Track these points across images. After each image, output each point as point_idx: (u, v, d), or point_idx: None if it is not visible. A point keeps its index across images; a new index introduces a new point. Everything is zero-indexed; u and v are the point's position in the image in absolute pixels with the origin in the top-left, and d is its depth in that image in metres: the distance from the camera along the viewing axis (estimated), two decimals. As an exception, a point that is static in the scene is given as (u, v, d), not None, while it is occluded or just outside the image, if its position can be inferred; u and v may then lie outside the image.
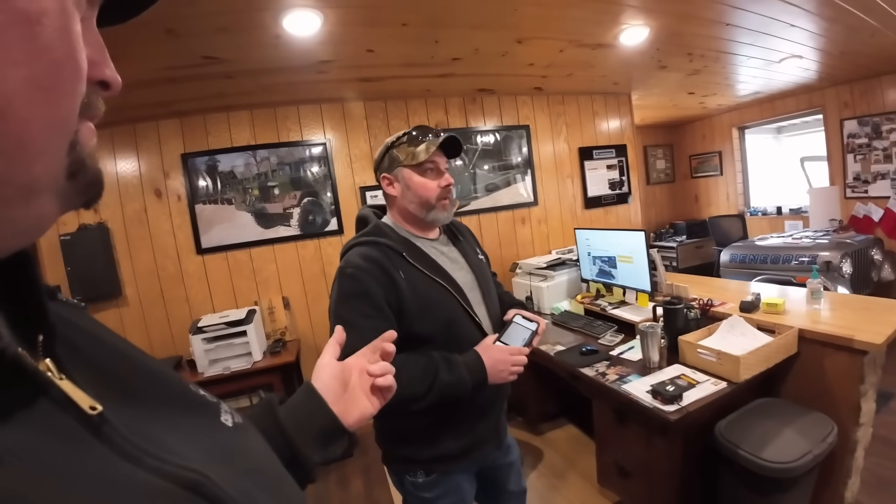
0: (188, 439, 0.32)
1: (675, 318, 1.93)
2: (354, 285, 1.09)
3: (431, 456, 1.20)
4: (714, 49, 2.93)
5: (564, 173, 3.64)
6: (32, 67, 0.23)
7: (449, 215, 1.24)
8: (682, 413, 1.48)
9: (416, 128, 1.22)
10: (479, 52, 2.47)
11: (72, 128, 0.27)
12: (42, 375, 0.26)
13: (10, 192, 0.24)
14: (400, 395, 1.06)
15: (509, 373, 1.13)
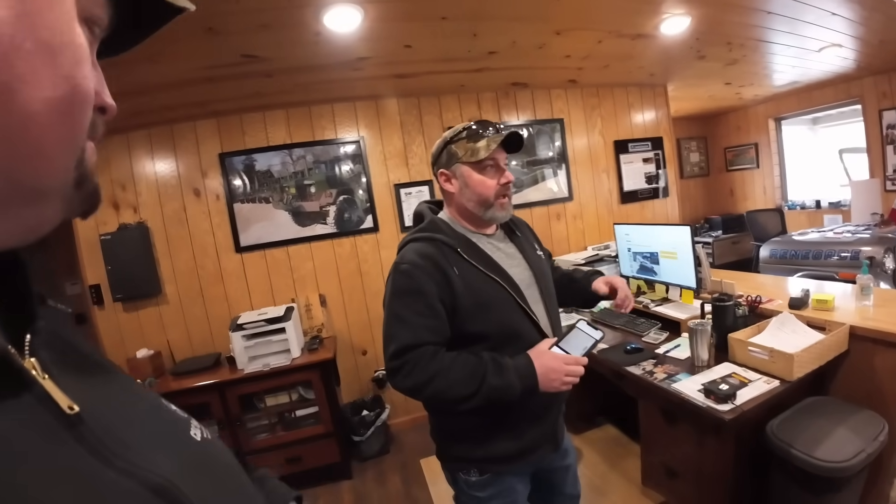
0: (158, 448, 0.33)
1: (724, 316, 1.87)
2: (408, 282, 1.09)
3: (485, 456, 1.18)
4: (754, 38, 2.83)
5: (600, 167, 3.56)
6: (54, 91, 0.27)
7: (507, 213, 1.21)
8: (737, 413, 1.43)
9: (477, 122, 1.18)
10: (516, 45, 2.43)
11: (81, 145, 0.30)
12: (27, 373, 0.28)
13: (25, 193, 0.28)
14: (446, 395, 1.06)
15: (562, 382, 1.08)
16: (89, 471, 0.28)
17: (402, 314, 1.09)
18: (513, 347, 1.11)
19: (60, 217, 0.31)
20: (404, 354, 1.07)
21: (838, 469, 1.39)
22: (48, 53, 0.26)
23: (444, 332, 1.10)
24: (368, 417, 2.85)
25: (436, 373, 1.06)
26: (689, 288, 2.24)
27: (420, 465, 2.73)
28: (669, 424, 1.78)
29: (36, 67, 0.26)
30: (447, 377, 1.06)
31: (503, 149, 1.17)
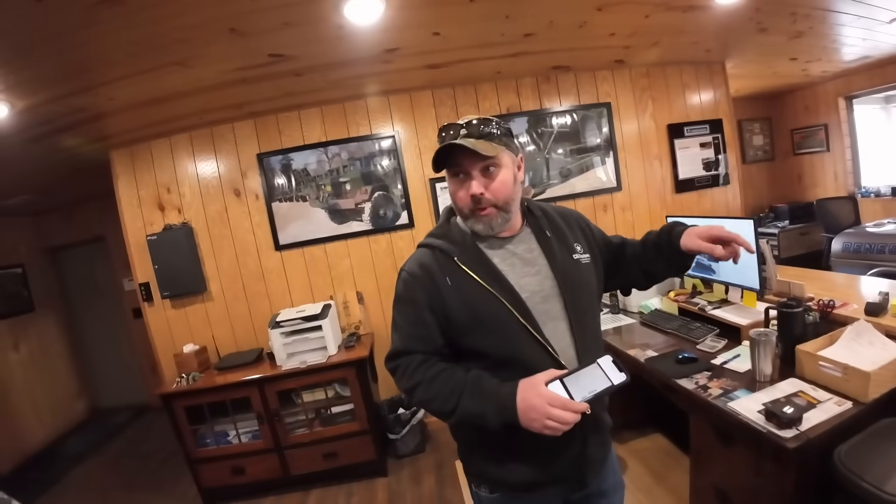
0: None
1: (792, 324, 1.64)
2: (404, 290, 1.05)
3: (496, 477, 1.06)
4: (820, 7, 2.52)
5: (651, 154, 3.30)
6: None
7: (488, 227, 1.02)
8: (802, 440, 1.24)
9: (447, 124, 1.01)
10: (554, 25, 2.25)
11: None
12: None
13: None
14: (430, 406, 0.98)
15: (542, 425, 0.88)
16: None
17: (397, 321, 1.06)
18: (514, 371, 0.96)
19: None
20: (396, 359, 1.05)
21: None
22: None
23: (434, 341, 1.02)
24: (404, 416, 2.82)
25: (419, 382, 1.00)
26: (752, 289, 2.01)
27: (455, 465, 2.67)
28: (724, 445, 1.59)
29: None
30: (429, 389, 0.98)
31: (469, 153, 0.96)
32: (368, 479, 2.71)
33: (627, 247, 1.21)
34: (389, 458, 2.84)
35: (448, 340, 1.03)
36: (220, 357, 2.93)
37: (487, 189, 0.98)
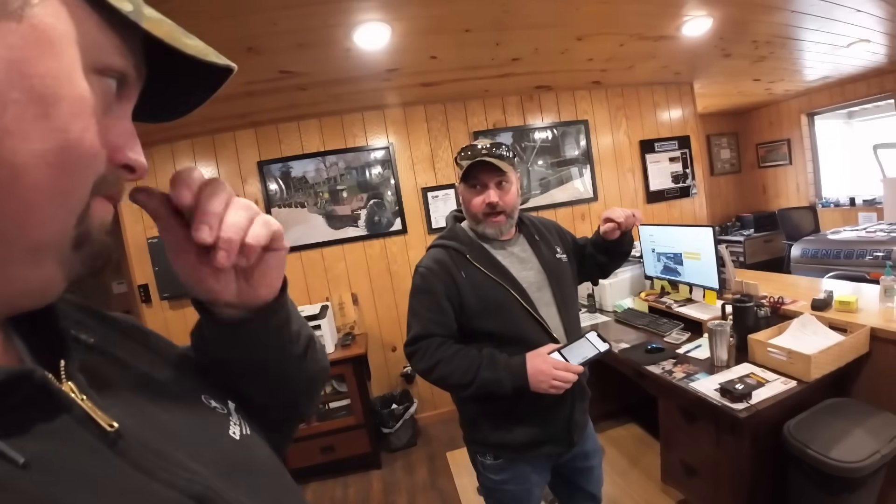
0: (197, 454, 0.34)
1: (745, 317, 1.89)
2: (422, 283, 1.26)
3: (499, 442, 1.28)
4: (780, 35, 2.81)
5: (625, 167, 3.58)
6: (44, 144, 0.26)
7: (497, 230, 1.28)
8: (752, 411, 1.47)
9: (468, 145, 1.29)
10: (539, 51, 2.49)
11: (80, 202, 0.29)
12: (65, 396, 0.29)
13: (17, 252, 0.27)
14: (448, 380, 1.21)
15: (549, 385, 1.15)
16: (133, 484, 0.28)
17: (417, 309, 1.26)
18: (517, 348, 1.20)
19: (63, 280, 0.30)
20: (417, 342, 1.24)
21: (851, 469, 1.42)
22: (39, 104, 0.25)
23: (451, 326, 1.24)
24: (397, 411, 2.99)
25: (439, 360, 1.20)
26: (712, 289, 2.26)
27: (446, 457, 2.84)
28: (688, 423, 1.82)
29: (23, 118, 0.25)
30: (449, 365, 1.20)
31: (490, 169, 1.23)
32: (363, 471, 2.85)
33: (586, 247, 1.50)
34: (383, 452, 2.99)
35: (460, 325, 1.25)
36: (218, 356, 3.04)
37: (501, 199, 1.23)
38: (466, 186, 1.28)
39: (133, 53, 0.31)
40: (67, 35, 0.27)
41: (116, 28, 0.29)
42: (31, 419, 0.26)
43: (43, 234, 0.28)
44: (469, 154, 1.26)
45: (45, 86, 0.26)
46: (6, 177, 0.25)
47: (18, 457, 0.24)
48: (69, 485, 0.26)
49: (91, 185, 0.29)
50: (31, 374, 0.27)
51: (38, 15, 0.25)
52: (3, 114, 0.24)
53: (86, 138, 0.28)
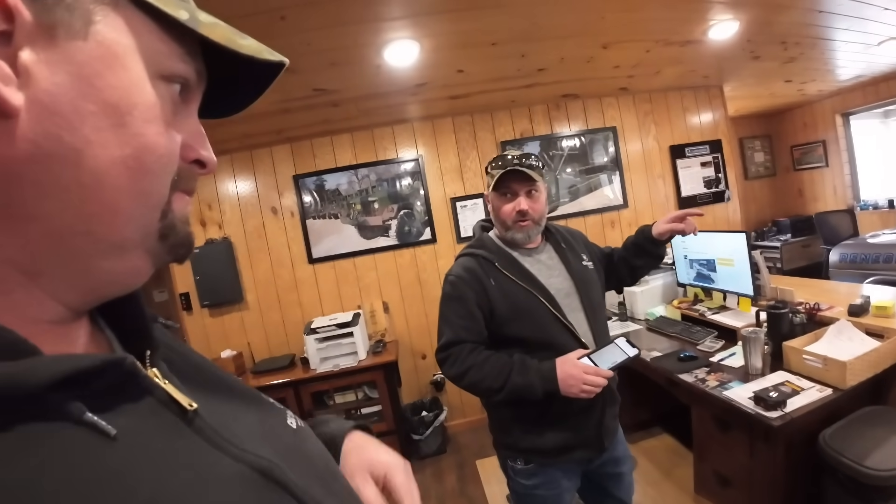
0: (261, 436, 0.37)
1: (779, 324, 1.85)
2: (453, 290, 1.30)
3: (530, 447, 1.30)
4: (809, 36, 2.74)
5: (655, 173, 3.54)
6: (122, 150, 0.28)
7: (526, 236, 1.33)
8: (786, 420, 1.45)
9: (499, 155, 1.35)
10: (565, 61, 2.52)
11: (161, 199, 0.32)
12: (150, 380, 0.32)
13: (106, 247, 0.30)
14: (479, 385, 1.24)
15: (580, 390, 1.16)
16: (207, 457, 0.32)
17: (448, 316, 1.30)
18: (547, 353, 1.23)
19: (150, 267, 0.34)
20: (448, 348, 1.28)
21: (887, 478, 1.38)
22: (114, 114, 0.28)
23: (481, 332, 1.28)
24: (427, 418, 3.02)
25: (471, 366, 1.23)
26: (747, 295, 2.22)
27: (476, 465, 2.85)
28: (722, 432, 1.79)
29: (101, 128, 0.27)
30: (481, 370, 1.23)
31: (520, 178, 1.28)
32: (394, 476, 2.90)
33: (614, 254, 1.52)
34: (413, 458, 3.03)
35: (490, 331, 1.29)
36: (255, 362, 3.16)
37: (530, 207, 1.28)
38: (497, 195, 1.32)
39: (193, 58, 0.33)
40: (131, 47, 0.29)
41: (175, 36, 0.31)
42: (121, 399, 0.30)
43: (129, 231, 0.31)
44: (500, 164, 1.31)
45: (117, 97, 0.28)
46: (91, 182, 0.27)
47: (110, 429, 0.27)
48: (152, 454, 0.29)
49: (169, 182, 0.32)
50: (123, 361, 0.30)
51: (101, 31, 0.28)
52: (83, 125, 0.27)
53: (160, 141, 0.30)
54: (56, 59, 0.26)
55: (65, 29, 0.26)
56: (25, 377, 0.24)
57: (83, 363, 0.27)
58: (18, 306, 0.28)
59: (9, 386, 0.23)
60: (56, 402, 0.25)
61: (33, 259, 0.28)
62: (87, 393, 0.27)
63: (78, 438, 0.26)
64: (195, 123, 0.36)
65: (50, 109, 0.26)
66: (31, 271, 0.28)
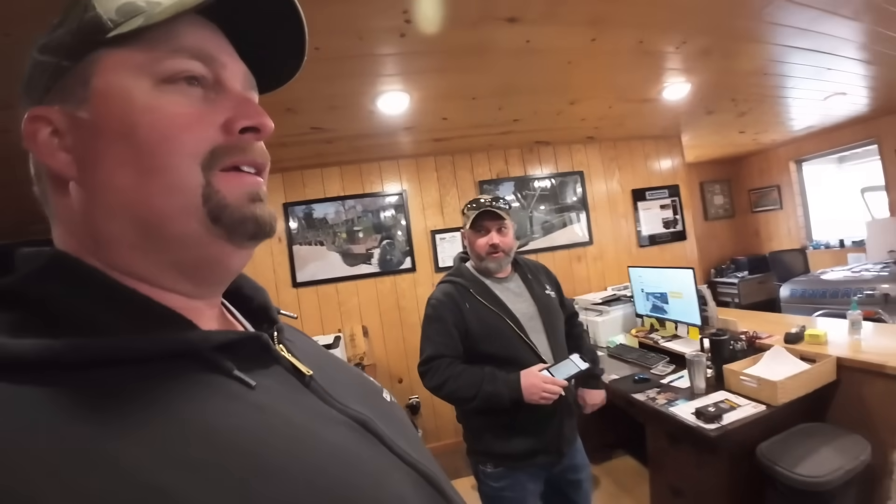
0: (360, 401, 0.44)
1: (721, 349, 2.10)
2: (434, 312, 1.53)
3: (500, 452, 1.49)
4: (757, 94, 3.11)
5: (618, 213, 3.86)
6: (137, 164, 0.34)
7: (498, 265, 1.56)
8: (721, 431, 1.66)
9: (473, 199, 1.61)
10: (537, 113, 2.83)
11: (192, 186, 0.35)
12: (278, 352, 0.41)
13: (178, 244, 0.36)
14: (456, 394, 1.46)
15: (539, 396, 1.38)
16: (320, 408, 0.40)
17: (429, 334, 1.52)
18: (512, 367, 1.44)
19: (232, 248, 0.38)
20: (429, 362, 1.48)
21: (817, 483, 1.56)
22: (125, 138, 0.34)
23: (458, 349, 1.50)
24: (404, 440, 3.13)
25: (449, 377, 1.44)
26: (695, 325, 2.48)
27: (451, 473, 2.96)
28: (673, 446, 2.00)
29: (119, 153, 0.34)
30: (457, 381, 1.44)
31: (491, 217, 1.54)
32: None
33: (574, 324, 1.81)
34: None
35: (465, 348, 1.51)
36: (237, 384, 3.23)
37: (501, 241, 1.52)
38: (473, 231, 1.56)
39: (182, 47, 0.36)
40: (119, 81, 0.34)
41: (152, 43, 0.35)
42: (258, 365, 0.38)
43: (180, 224, 0.35)
44: (475, 206, 1.57)
45: (120, 125, 0.34)
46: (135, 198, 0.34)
47: (251, 381, 0.34)
48: (282, 400, 0.36)
49: (198, 166, 0.36)
50: (260, 337, 0.39)
51: (96, 85, 0.34)
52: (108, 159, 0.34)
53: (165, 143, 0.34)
54: (80, 125, 0.34)
55: (75, 103, 0.34)
56: (202, 342, 0.33)
57: (232, 336, 0.36)
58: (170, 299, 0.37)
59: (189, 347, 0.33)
60: (218, 360, 0.34)
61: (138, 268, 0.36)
62: (235, 357, 0.35)
63: (231, 385, 0.34)
64: (233, 97, 0.38)
65: (87, 161, 0.34)
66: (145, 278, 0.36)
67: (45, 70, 0.36)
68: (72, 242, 0.36)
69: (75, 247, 0.36)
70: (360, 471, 0.35)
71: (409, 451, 0.42)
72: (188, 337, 0.33)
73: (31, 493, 0.22)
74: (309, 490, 0.31)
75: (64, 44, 0.35)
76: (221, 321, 0.44)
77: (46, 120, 0.35)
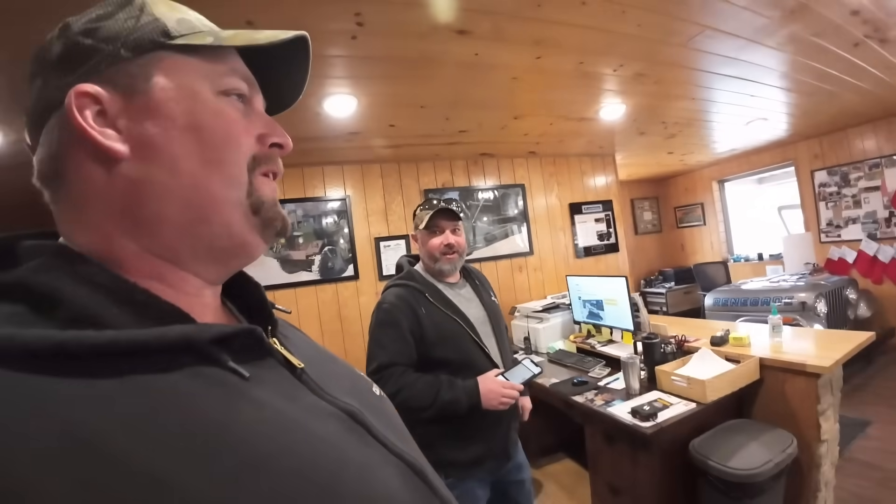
0: (350, 393, 0.46)
1: (652, 352, 2.24)
2: (387, 317, 1.47)
3: (452, 460, 1.46)
4: (685, 118, 3.40)
5: (557, 226, 4.03)
6: (203, 153, 0.39)
7: (452, 267, 1.56)
8: (657, 428, 1.76)
9: (426, 200, 1.60)
10: (483, 126, 2.91)
11: (242, 180, 0.41)
12: (272, 346, 0.42)
13: (219, 228, 0.40)
14: (410, 403, 1.42)
15: (499, 402, 1.39)
16: (310, 400, 0.41)
17: (382, 340, 1.46)
18: (467, 372, 1.44)
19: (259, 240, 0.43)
20: (381, 371, 1.42)
21: (749, 476, 1.67)
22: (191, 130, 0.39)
23: (412, 356, 1.45)
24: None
25: (402, 386, 1.39)
26: (628, 330, 2.63)
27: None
28: (610, 446, 2.08)
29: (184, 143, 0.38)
30: (412, 389, 1.39)
31: (447, 217, 1.55)
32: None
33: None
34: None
35: (419, 354, 1.47)
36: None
37: (455, 241, 1.53)
38: (427, 232, 1.54)
39: (235, 71, 0.43)
40: (185, 83, 0.39)
41: (212, 58, 0.41)
42: (252, 357, 0.39)
43: (228, 211, 0.40)
44: (428, 206, 1.56)
45: (188, 118, 0.39)
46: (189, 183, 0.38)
47: (245, 373, 0.36)
48: (273, 391, 0.37)
49: (246, 166, 0.41)
50: (254, 331, 0.39)
51: (159, 82, 0.38)
52: (171, 146, 0.38)
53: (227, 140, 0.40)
54: (137, 111, 0.37)
55: (134, 91, 0.38)
56: (198, 335, 0.34)
57: (227, 329, 0.37)
58: (172, 285, 0.39)
59: (186, 340, 0.34)
60: (213, 352, 0.35)
61: (172, 248, 0.39)
62: (230, 349, 0.36)
63: (226, 375, 0.35)
64: (264, 117, 0.45)
65: (145, 145, 0.37)
66: (173, 258, 0.40)
67: (92, 54, 0.38)
68: (90, 229, 0.38)
69: (94, 235, 0.37)
70: (349, 462, 0.37)
71: (397, 443, 0.44)
72: (185, 330, 0.34)
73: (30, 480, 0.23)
74: (299, 481, 0.32)
75: (122, 36, 0.38)
76: (220, 314, 0.46)
77: (95, 98, 0.36)
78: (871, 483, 2.34)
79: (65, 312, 0.32)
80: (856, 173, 4.31)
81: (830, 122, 4.05)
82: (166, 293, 0.38)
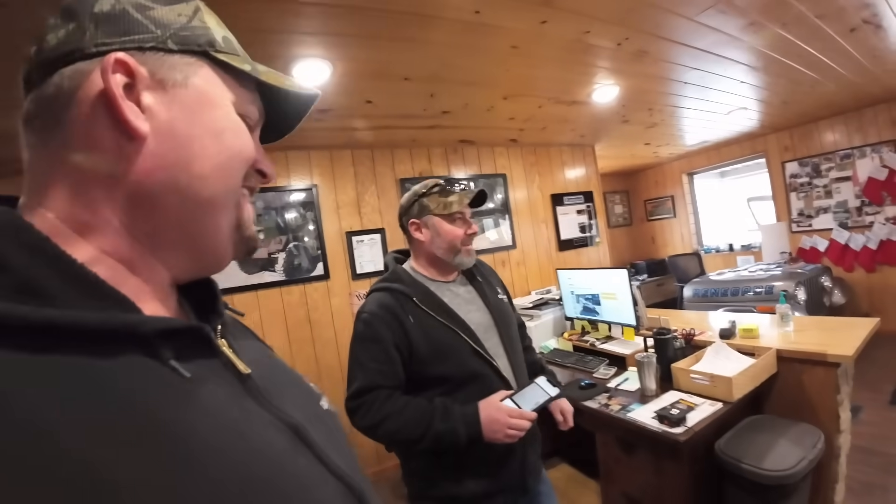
0: (296, 405, 0.45)
1: (666, 348, 2.05)
2: (367, 330, 1.17)
3: (451, 494, 1.19)
4: (671, 104, 3.31)
5: (539, 218, 3.84)
6: (219, 157, 0.40)
7: (472, 259, 1.31)
8: (690, 434, 1.56)
9: (446, 180, 1.33)
10: (468, 107, 2.65)
11: (237, 192, 0.43)
12: (219, 347, 0.41)
13: (211, 231, 0.41)
14: (396, 436, 1.12)
15: (504, 434, 1.11)
16: (252, 409, 0.40)
17: (361, 358, 1.17)
18: (470, 388, 1.16)
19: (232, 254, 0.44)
20: (361, 396, 1.14)
21: (786, 476, 1.54)
22: (213, 135, 0.40)
23: (398, 376, 1.17)
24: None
25: (388, 414, 1.11)
26: (630, 325, 2.44)
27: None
28: (626, 454, 1.88)
29: (205, 144, 0.39)
30: (398, 419, 1.11)
31: (476, 203, 1.29)
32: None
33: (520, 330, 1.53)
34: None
35: (410, 373, 1.18)
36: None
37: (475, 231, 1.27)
38: (448, 219, 1.26)
39: (254, 102, 0.45)
40: (218, 93, 0.41)
41: (243, 83, 0.43)
42: (196, 356, 0.37)
43: (222, 218, 0.42)
44: (459, 188, 1.27)
45: (213, 124, 0.40)
46: (199, 182, 0.39)
47: (186, 372, 0.34)
48: (214, 394, 0.36)
49: (241, 179, 0.43)
50: (201, 329, 0.39)
51: (196, 83, 0.39)
52: (192, 143, 0.39)
53: (240, 152, 0.42)
54: (168, 101, 0.38)
55: (171, 82, 0.38)
56: (137, 326, 0.33)
57: (175, 324, 0.36)
58: (136, 269, 0.38)
59: (131, 329, 0.33)
60: (157, 346, 0.34)
61: (156, 235, 0.39)
62: (175, 346, 0.35)
63: (165, 372, 0.34)
64: (259, 147, 0.46)
65: (167, 133, 0.37)
66: (152, 244, 0.39)
67: (140, 29, 0.37)
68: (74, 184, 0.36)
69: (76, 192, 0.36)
70: (286, 476, 0.37)
71: (339, 463, 0.43)
72: (128, 318, 0.33)
73: None
74: (232, 486, 0.32)
75: (172, 27, 0.39)
76: (171, 308, 0.43)
77: (130, 72, 0.36)
78: (875, 469, 2.30)
79: (10, 279, 0.30)
80: (827, 164, 4.38)
81: (802, 114, 4.11)
82: (125, 276, 0.37)
